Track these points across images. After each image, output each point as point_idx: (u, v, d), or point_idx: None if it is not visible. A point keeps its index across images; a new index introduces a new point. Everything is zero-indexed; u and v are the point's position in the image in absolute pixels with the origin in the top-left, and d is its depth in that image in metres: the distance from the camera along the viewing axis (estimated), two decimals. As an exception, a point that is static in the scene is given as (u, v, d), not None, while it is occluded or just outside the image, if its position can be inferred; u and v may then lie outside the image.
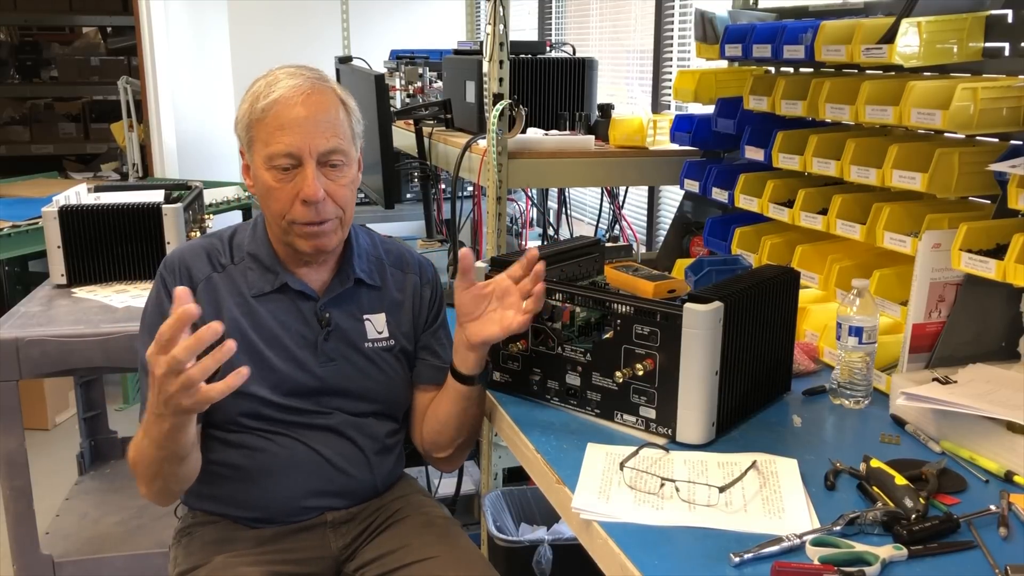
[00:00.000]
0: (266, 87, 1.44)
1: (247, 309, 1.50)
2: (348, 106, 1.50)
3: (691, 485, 1.22)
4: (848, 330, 1.49)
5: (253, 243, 1.54)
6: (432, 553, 1.55)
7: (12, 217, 3.71)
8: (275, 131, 1.42)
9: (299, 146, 1.41)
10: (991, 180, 1.53)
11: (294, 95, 1.42)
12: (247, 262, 1.53)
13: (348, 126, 1.49)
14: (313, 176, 1.42)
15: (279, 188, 1.43)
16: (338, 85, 1.52)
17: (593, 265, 1.73)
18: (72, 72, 6.66)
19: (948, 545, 1.10)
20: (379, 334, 1.58)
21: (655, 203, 3.19)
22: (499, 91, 2.10)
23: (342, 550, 1.60)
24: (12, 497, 2.10)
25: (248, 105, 1.45)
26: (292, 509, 1.56)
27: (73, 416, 3.25)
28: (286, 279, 1.52)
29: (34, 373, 2.07)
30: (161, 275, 1.52)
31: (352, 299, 1.57)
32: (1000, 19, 1.57)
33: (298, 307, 1.53)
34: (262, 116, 1.42)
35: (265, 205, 1.48)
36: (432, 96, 3.18)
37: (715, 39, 2.12)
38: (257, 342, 1.49)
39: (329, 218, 1.46)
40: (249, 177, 1.51)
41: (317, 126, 1.42)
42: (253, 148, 1.46)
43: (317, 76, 1.48)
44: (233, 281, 1.51)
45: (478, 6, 4.62)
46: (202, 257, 1.52)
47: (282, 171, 1.43)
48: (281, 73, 1.46)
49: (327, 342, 1.53)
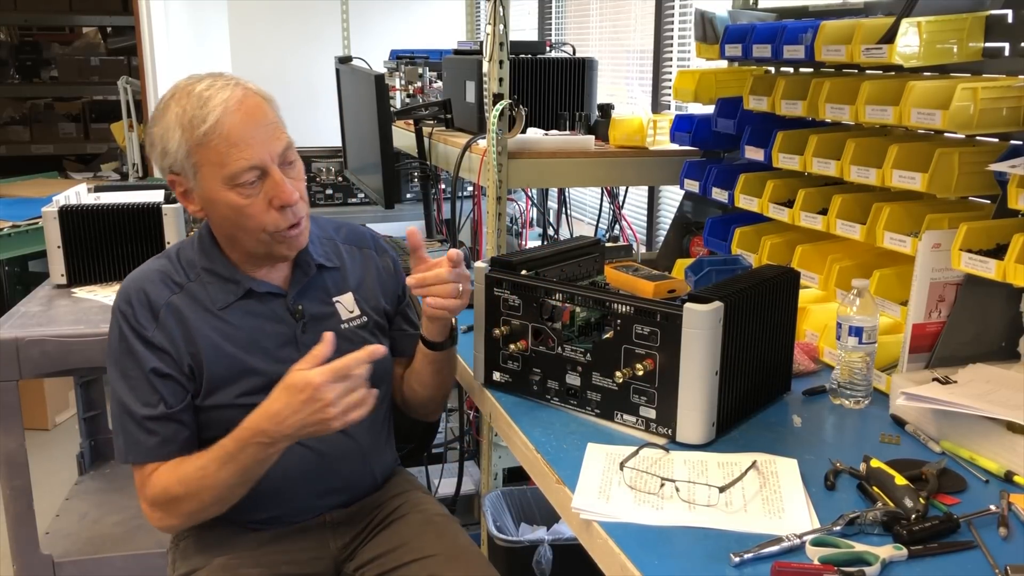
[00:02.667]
0: (196, 110, 1.36)
1: (217, 323, 1.47)
2: (269, 99, 1.45)
3: (691, 485, 1.22)
4: (848, 330, 1.49)
5: (204, 258, 1.50)
6: (431, 551, 1.55)
7: (12, 217, 3.72)
8: (229, 150, 1.36)
9: (260, 156, 1.38)
10: (991, 180, 1.53)
11: (233, 109, 1.37)
12: (203, 277, 1.48)
13: (280, 120, 1.45)
14: (283, 180, 1.40)
15: (249, 203, 1.39)
16: (248, 81, 1.45)
17: (593, 265, 1.73)
18: (72, 72, 6.65)
19: (948, 545, 1.10)
20: (351, 313, 1.58)
21: (655, 203, 3.19)
22: (499, 91, 2.10)
23: (341, 550, 1.60)
24: (12, 497, 2.10)
25: (181, 133, 1.38)
26: (291, 511, 1.56)
27: (73, 416, 3.24)
28: (250, 284, 1.49)
29: (34, 373, 2.07)
30: (120, 310, 1.44)
31: (318, 286, 1.56)
32: (1000, 19, 1.57)
33: (269, 307, 1.51)
34: (205, 140, 1.36)
35: (236, 225, 1.43)
36: (432, 96, 3.18)
37: (715, 39, 2.12)
38: (236, 352, 1.46)
39: (303, 216, 1.46)
40: (193, 203, 1.45)
41: (266, 131, 1.39)
42: (201, 173, 1.39)
43: (236, 82, 1.42)
44: (195, 298, 1.47)
45: (478, 6, 4.62)
46: (156, 282, 1.46)
47: (248, 185, 1.38)
48: (203, 90, 1.38)
49: (305, 334, 1.52)
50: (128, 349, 1.43)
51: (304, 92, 4.91)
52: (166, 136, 1.40)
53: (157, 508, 1.43)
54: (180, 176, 1.43)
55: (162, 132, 1.40)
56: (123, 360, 1.43)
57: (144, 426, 1.42)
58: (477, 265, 1.58)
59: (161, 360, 1.43)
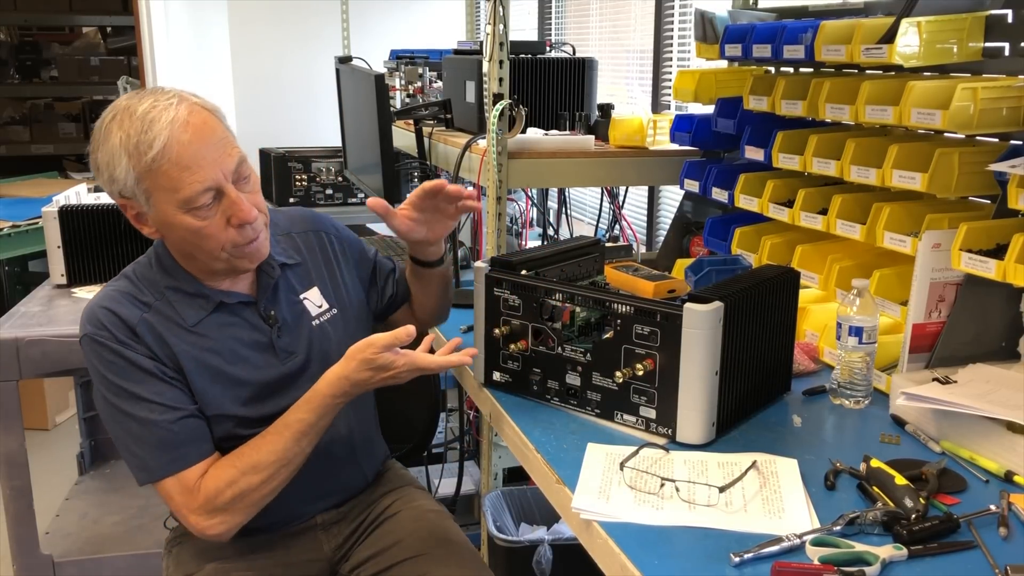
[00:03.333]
0: (141, 135, 1.30)
1: (194, 339, 1.43)
2: (215, 111, 1.39)
3: (691, 485, 1.22)
4: (848, 330, 1.49)
5: (166, 276, 1.45)
6: (424, 549, 1.55)
7: (12, 217, 3.72)
8: (180, 174, 1.31)
9: (214, 177, 1.33)
10: (991, 180, 1.53)
11: (179, 130, 1.31)
12: (168, 296, 1.43)
13: (229, 131, 1.40)
14: (240, 198, 1.35)
15: (206, 224, 1.35)
16: (194, 95, 1.40)
17: (593, 265, 1.73)
18: (72, 72, 6.65)
19: (948, 545, 1.10)
20: (320, 308, 1.57)
21: (655, 203, 3.19)
22: (499, 91, 2.10)
23: (335, 551, 1.60)
24: (12, 497, 2.10)
25: (127, 159, 1.31)
26: (284, 517, 1.55)
27: (73, 416, 3.25)
28: (219, 297, 1.46)
29: (34, 373, 2.07)
30: (95, 338, 1.38)
31: (283, 286, 1.54)
32: (1000, 19, 1.57)
33: (241, 317, 1.48)
34: (154, 166, 1.30)
35: (194, 246, 1.39)
36: (432, 96, 3.17)
37: (715, 39, 2.12)
38: (220, 365, 1.44)
39: (261, 229, 1.42)
40: (148, 226, 1.41)
41: (216, 148, 1.34)
42: (154, 198, 1.34)
43: (179, 98, 1.35)
44: (166, 317, 1.42)
45: (478, 6, 4.62)
46: (123, 302, 1.40)
47: (205, 208, 1.34)
48: (145, 111, 1.31)
49: (281, 338, 1.50)
50: (126, 365, 1.37)
51: (304, 92, 4.92)
52: (112, 163, 1.33)
53: (217, 512, 1.37)
54: (131, 200, 1.38)
55: (107, 159, 1.34)
56: (123, 381, 1.37)
57: (175, 433, 1.37)
58: (477, 265, 1.58)
59: (162, 366, 1.39)
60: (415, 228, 1.59)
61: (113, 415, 1.39)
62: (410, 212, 1.58)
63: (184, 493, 1.38)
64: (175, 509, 1.40)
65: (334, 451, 1.56)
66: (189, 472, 1.38)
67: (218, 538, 1.40)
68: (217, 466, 1.40)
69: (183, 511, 1.39)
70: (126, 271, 1.49)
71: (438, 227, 1.62)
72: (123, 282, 1.46)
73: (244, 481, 1.38)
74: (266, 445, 1.40)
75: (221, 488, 1.37)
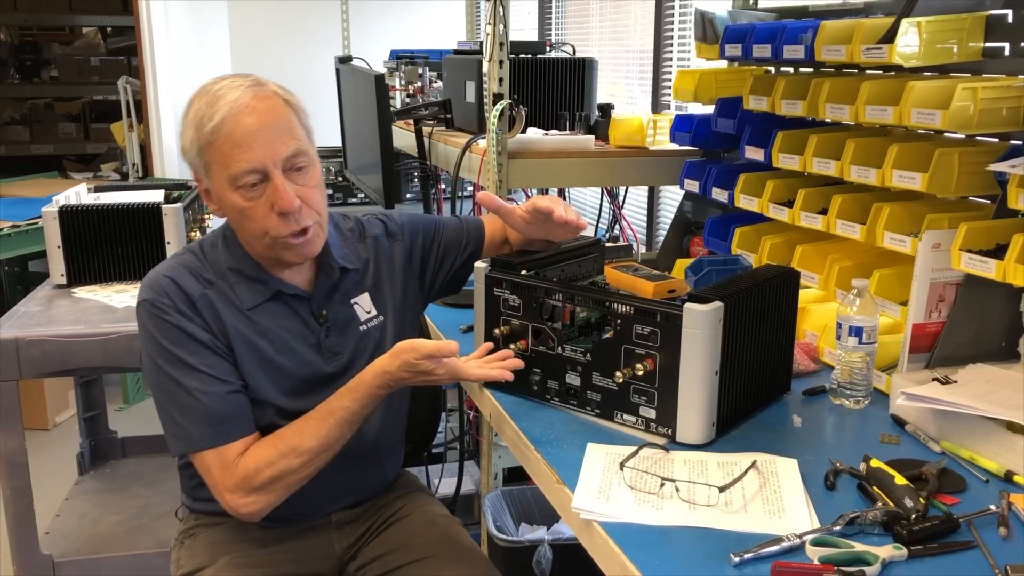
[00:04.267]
0: (207, 108, 1.37)
1: (247, 321, 1.45)
2: (293, 104, 1.44)
3: (691, 485, 1.22)
4: (848, 330, 1.49)
5: (230, 257, 1.48)
6: (432, 552, 1.55)
7: (12, 217, 3.72)
8: (232, 151, 1.36)
9: (261, 159, 1.36)
10: (991, 180, 1.53)
11: (240, 109, 1.36)
12: (230, 277, 1.47)
13: (300, 124, 1.43)
14: (284, 186, 1.37)
15: (251, 206, 1.38)
16: (279, 86, 1.45)
17: (593, 265, 1.73)
18: (72, 72, 6.66)
19: (948, 545, 1.10)
20: (368, 314, 1.58)
21: (655, 203, 3.19)
22: (499, 91, 2.10)
23: (346, 550, 1.60)
24: (12, 497, 2.10)
25: (193, 131, 1.38)
26: (303, 511, 1.55)
27: (73, 416, 3.25)
28: (279, 286, 1.48)
29: (34, 373, 2.07)
30: (156, 304, 1.41)
31: (340, 288, 1.55)
32: (1000, 19, 1.57)
33: (294, 309, 1.50)
34: (212, 139, 1.36)
35: (241, 227, 1.43)
36: (432, 96, 3.18)
37: (715, 39, 2.12)
38: (268, 351, 1.46)
39: (309, 224, 1.42)
40: (212, 201, 1.45)
41: (272, 133, 1.37)
42: (211, 173, 1.40)
43: (255, 82, 1.42)
44: (225, 296, 1.45)
45: (478, 6, 4.62)
46: (187, 276, 1.44)
47: (250, 188, 1.37)
48: (217, 89, 1.39)
49: (328, 338, 1.52)
50: (182, 335, 1.40)
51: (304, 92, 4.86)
52: (184, 134, 1.41)
53: (253, 492, 1.39)
54: (198, 173, 1.44)
55: (183, 130, 1.42)
56: (177, 349, 1.40)
57: (223, 406, 1.40)
58: (477, 265, 1.58)
59: (216, 340, 1.42)
60: (529, 230, 1.62)
61: (162, 382, 1.41)
62: (526, 216, 1.60)
63: (222, 468, 1.39)
64: (212, 483, 1.41)
65: (362, 451, 1.56)
66: (230, 448, 1.39)
67: (250, 517, 1.41)
68: (257, 445, 1.41)
69: (219, 486, 1.40)
70: (192, 246, 1.52)
71: (557, 233, 1.63)
72: (189, 256, 1.49)
73: (283, 463, 1.39)
74: (308, 429, 1.41)
75: (260, 467, 1.38)
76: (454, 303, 2.05)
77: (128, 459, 2.96)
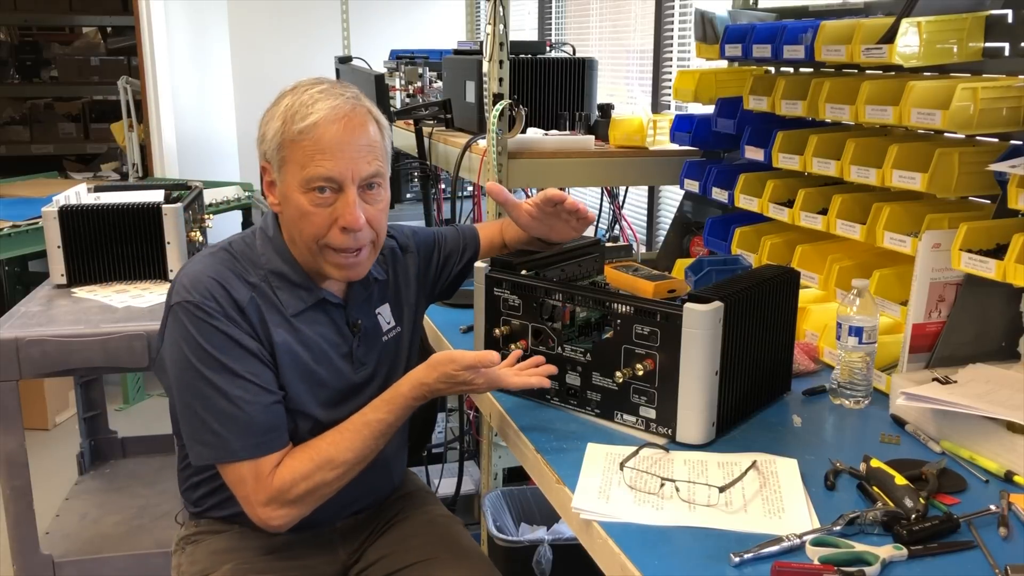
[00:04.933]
0: (301, 107, 1.36)
1: (290, 328, 1.43)
2: (383, 125, 1.44)
3: (691, 485, 1.22)
4: (848, 330, 1.49)
5: (273, 260, 1.44)
6: (434, 553, 1.55)
7: (12, 217, 3.71)
8: (314, 154, 1.35)
9: (341, 171, 1.35)
10: (991, 180, 1.53)
11: (335, 117, 1.35)
12: (272, 281, 1.43)
13: (383, 147, 1.42)
14: (355, 203, 1.36)
15: (316, 212, 1.37)
16: (372, 104, 1.44)
17: (593, 265, 1.73)
18: (72, 72, 6.66)
19: (948, 545, 1.10)
20: (389, 324, 1.58)
21: (655, 203, 3.19)
22: (499, 91, 2.10)
23: (350, 556, 1.59)
24: (12, 497, 2.10)
25: (281, 124, 1.37)
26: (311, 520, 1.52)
27: (73, 416, 3.24)
28: (322, 294, 1.46)
29: (34, 373, 2.07)
30: (203, 306, 1.36)
31: (370, 299, 1.55)
32: (1000, 19, 1.57)
33: (331, 318, 1.48)
34: (298, 138, 1.35)
35: (296, 227, 1.40)
36: (432, 96, 3.17)
37: (715, 39, 2.12)
38: (308, 361, 1.44)
39: (364, 245, 1.41)
40: (274, 195, 1.43)
41: (359, 150, 1.37)
42: (285, 169, 1.38)
43: (354, 95, 1.41)
44: (269, 301, 1.42)
45: (478, 6, 4.62)
46: (232, 279, 1.40)
47: (320, 194, 1.36)
48: (316, 91, 1.38)
49: (359, 348, 1.51)
50: (228, 341, 1.36)
51: (304, 92, 4.91)
52: (269, 124, 1.40)
53: (286, 505, 1.36)
54: (269, 165, 1.42)
55: (268, 118, 1.40)
56: (222, 355, 1.35)
57: (266, 416, 1.37)
58: (477, 265, 1.58)
59: (262, 348, 1.39)
60: (533, 225, 1.65)
61: (200, 388, 1.36)
62: (533, 211, 1.62)
63: (258, 480, 1.35)
64: (243, 495, 1.37)
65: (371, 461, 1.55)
66: (267, 460, 1.36)
67: (278, 529, 1.38)
68: (292, 457, 1.38)
69: (251, 498, 1.36)
70: (224, 245, 1.47)
71: (561, 231, 1.65)
72: (225, 255, 1.44)
73: (319, 476, 1.37)
74: (344, 442, 1.39)
75: (297, 480, 1.36)
76: (454, 303, 2.05)
77: (128, 459, 2.96)
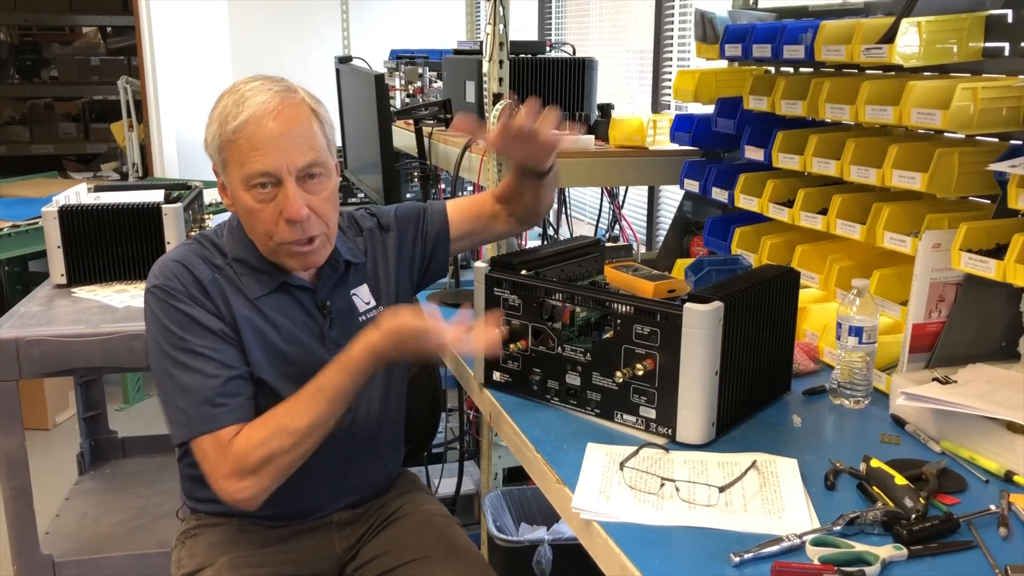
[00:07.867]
0: (233, 106, 1.39)
1: (254, 308, 1.47)
2: (320, 114, 1.45)
3: (691, 485, 1.22)
4: (848, 330, 1.49)
5: (236, 247, 1.49)
6: (430, 551, 1.56)
7: (12, 217, 3.72)
8: (249, 151, 1.37)
9: (276, 165, 1.38)
10: (991, 180, 1.53)
11: (264, 112, 1.37)
12: (236, 267, 1.48)
13: (322, 136, 1.44)
14: (295, 194, 1.38)
15: (261, 208, 1.40)
16: (308, 93, 1.46)
17: (593, 265, 1.73)
18: (72, 72, 6.66)
19: (948, 545, 1.10)
20: (367, 304, 1.59)
21: (655, 203, 3.19)
22: (499, 91, 2.10)
23: (346, 551, 1.60)
24: (12, 497, 2.10)
25: (217, 126, 1.41)
26: (306, 508, 1.55)
27: (73, 416, 3.24)
28: (283, 278, 1.50)
29: (34, 373, 2.07)
30: (165, 287, 1.42)
31: (342, 281, 1.57)
32: (1000, 19, 1.57)
33: (298, 300, 1.52)
34: (233, 138, 1.38)
35: (248, 226, 1.46)
36: (432, 96, 3.17)
37: (715, 39, 2.12)
38: (275, 339, 1.48)
39: (316, 235, 1.43)
40: (227, 197, 1.47)
41: (292, 142, 1.38)
42: (228, 169, 1.42)
43: (285, 88, 1.43)
44: (232, 283, 1.47)
45: (478, 6, 4.62)
46: (197, 261, 1.47)
47: (261, 190, 1.39)
48: (247, 89, 1.41)
49: (332, 330, 1.53)
50: (190, 321, 1.41)
51: (304, 92, 4.91)
52: (209, 127, 1.43)
53: (246, 475, 1.36)
54: (217, 168, 1.46)
55: (209, 122, 1.43)
56: (185, 333, 1.40)
57: (223, 391, 1.39)
58: (477, 265, 1.58)
59: (225, 328, 1.43)
60: (506, 148, 1.59)
61: (166, 367, 1.41)
62: (497, 143, 1.57)
63: (218, 451, 1.37)
64: (208, 470, 1.39)
65: (363, 447, 1.57)
66: (225, 431, 1.38)
67: (244, 504, 1.38)
68: (249, 427, 1.40)
69: (215, 472, 1.38)
70: (196, 236, 1.54)
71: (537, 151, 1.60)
72: (195, 244, 1.51)
73: (275, 442, 1.37)
74: (298, 408, 1.39)
75: (252, 447, 1.36)
76: (453, 303, 2.05)
77: (128, 459, 2.96)
